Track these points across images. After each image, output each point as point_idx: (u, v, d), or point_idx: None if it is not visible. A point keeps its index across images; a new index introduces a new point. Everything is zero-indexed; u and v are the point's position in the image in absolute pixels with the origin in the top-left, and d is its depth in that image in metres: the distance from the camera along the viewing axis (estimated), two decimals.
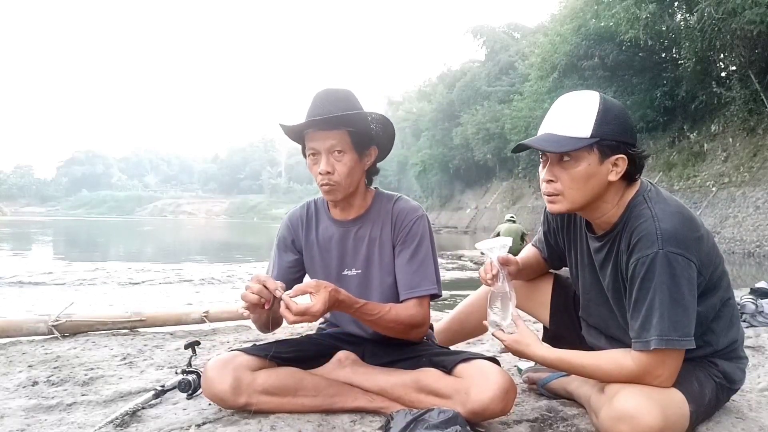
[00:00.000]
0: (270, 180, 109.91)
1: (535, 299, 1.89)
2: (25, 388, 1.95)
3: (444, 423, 1.37)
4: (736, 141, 16.32)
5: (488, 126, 34.06)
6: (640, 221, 1.39)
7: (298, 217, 1.80)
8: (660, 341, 1.31)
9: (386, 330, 1.63)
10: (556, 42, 21.89)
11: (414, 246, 1.67)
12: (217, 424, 1.56)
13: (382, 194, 1.77)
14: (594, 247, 1.56)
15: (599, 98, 1.39)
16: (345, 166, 1.60)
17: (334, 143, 1.58)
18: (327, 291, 1.44)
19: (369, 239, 1.71)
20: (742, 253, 12.69)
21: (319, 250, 1.75)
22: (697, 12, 15.73)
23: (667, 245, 1.32)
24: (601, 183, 1.41)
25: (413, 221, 1.69)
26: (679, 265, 1.32)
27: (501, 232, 9.84)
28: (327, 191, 1.63)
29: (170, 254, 13.96)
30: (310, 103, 1.61)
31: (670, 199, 1.45)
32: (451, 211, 42.30)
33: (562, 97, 1.46)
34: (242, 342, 2.75)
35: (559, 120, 1.40)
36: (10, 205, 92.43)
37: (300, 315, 1.39)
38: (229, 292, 5.99)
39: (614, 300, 1.54)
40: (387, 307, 1.61)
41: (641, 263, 1.35)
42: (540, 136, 1.42)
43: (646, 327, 1.34)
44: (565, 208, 1.46)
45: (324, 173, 1.58)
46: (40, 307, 4.51)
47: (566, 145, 1.36)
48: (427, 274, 1.67)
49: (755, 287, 3.34)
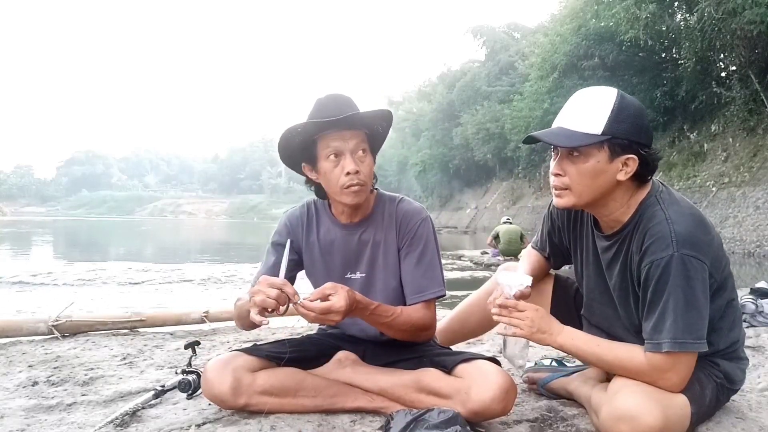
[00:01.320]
0: (270, 180, 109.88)
1: (536, 300, 1.87)
2: (25, 388, 1.95)
3: (444, 423, 1.37)
4: (736, 141, 16.31)
5: (488, 126, 34.05)
6: (653, 223, 1.38)
7: (297, 218, 1.77)
8: (673, 344, 1.31)
9: (398, 333, 1.63)
10: (556, 42, 21.88)
11: (420, 249, 1.67)
12: (217, 424, 1.56)
13: (384, 196, 1.75)
14: (602, 246, 1.56)
15: (617, 95, 1.37)
16: (368, 167, 1.58)
17: (358, 142, 1.56)
18: (345, 291, 1.42)
19: (373, 242, 1.70)
20: (742, 253, 12.68)
21: (320, 253, 1.73)
22: (697, 12, 15.71)
23: (682, 248, 1.32)
24: (609, 181, 1.40)
25: (418, 224, 1.68)
26: (693, 268, 1.32)
27: (500, 233, 9.84)
28: (356, 192, 1.57)
29: (170, 254, 13.95)
30: (315, 107, 1.57)
31: (682, 201, 1.45)
32: (451, 211, 42.29)
33: (580, 90, 1.44)
34: (242, 342, 2.75)
35: (572, 114, 1.39)
36: (10, 205, 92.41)
37: (325, 314, 1.38)
38: (229, 292, 5.99)
39: (620, 300, 1.53)
40: (399, 309, 1.61)
41: (656, 266, 1.34)
42: (552, 129, 1.41)
43: (659, 329, 1.33)
44: (572, 203, 1.45)
45: (354, 172, 1.54)
46: (40, 307, 4.51)
47: (576, 140, 1.35)
48: (434, 277, 1.66)
49: (755, 287, 3.34)
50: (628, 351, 1.43)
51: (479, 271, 8.84)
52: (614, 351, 1.45)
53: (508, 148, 31.34)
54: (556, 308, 1.88)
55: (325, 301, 1.39)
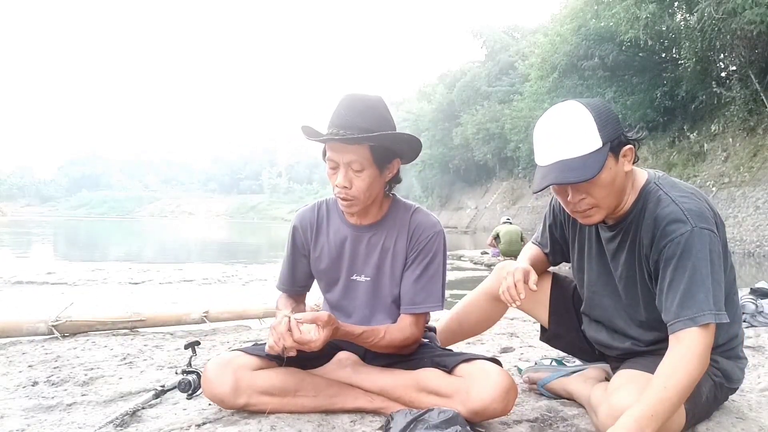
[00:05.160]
0: (270, 180, 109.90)
1: (534, 299, 1.89)
2: (25, 388, 1.95)
3: (444, 423, 1.37)
4: (736, 141, 16.31)
5: (488, 126, 34.08)
6: (662, 206, 1.40)
7: (308, 221, 1.77)
8: (711, 315, 1.29)
9: (380, 350, 1.65)
10: (556, 42, 21.86)
11: (426, 262, 1.67)
12: (217, 424, 1.56)
13: (399, 202, 1.74)
14: (606, 237, 1.57)
15: (584, 105, 1.39)
16: (363, 182, 1.56)
17: (353, 159, 1.53)
18: (331, 329, 1.47)
19: (382, 248, 1.70)
20: (742, 253, 12.68)
21: (329, 253, 1.74)
22: (697, 12, 15.71)
23: (698, 222, 1.35)
24: (622, 178, 1.44)
25: (430, 237, 1.68)
26: (711, 241, 1.34)
27: (501, 233, 9.84)
28: (344, 205, 1.62)
29: (170, 254, 13.95)
30: (336, 107, 1.56)
31: (681, 183, 1.48)
32: (451, 211, 42.29)
33: (546, 120, 1.42)
34: (242, 342, 2.75)
35: (563, 143, 1.37)
36: (10, 205, 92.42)
37: (299, 343, 1.43)
38: (229, 292, 5.99)
39: (625, 291, 1.54)
40: (381, 332, 1.61)
41: (676, 243, 1.35)
42: (555, 168, 1.37)
43: (687, 305, 1.31)
44: (603, 215, 1.47)
45: (341, 187, 1.55)
46: (40, 307, 4.50)
47: (593, 166, 1.34)
48: (432, 292, 1.66)
49: (755, 287, 3.34)
50: (669, 360, 1.30)
51: (479, 271, 8.84)
52: (662, 373, 1.29)
53: (508, 148, 31.35)
54: (554, 306, 1.89)
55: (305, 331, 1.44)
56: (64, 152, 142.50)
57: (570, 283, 1.89)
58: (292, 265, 1.80)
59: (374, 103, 1.58)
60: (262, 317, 3.50)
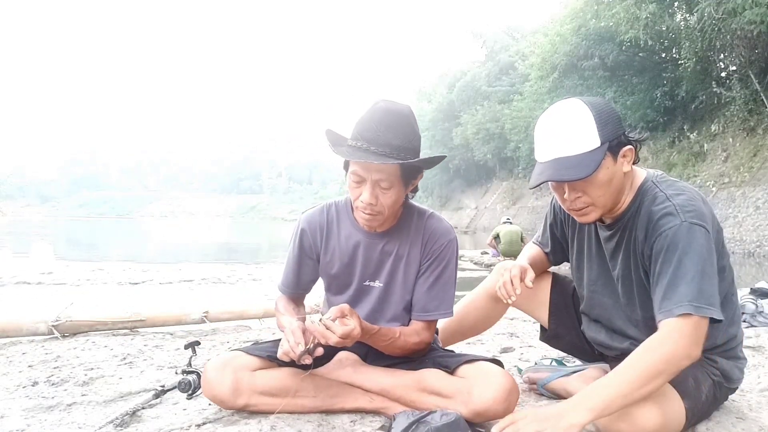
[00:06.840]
0: (270, 180, 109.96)
1: (534, 299, 1.90)
2: (25, 388, 1.94)
3: (446, 426, 1.36)
4: (736, 141, 16.31)
5: (488, 126, 34.08)
6: (656, 203, 1.41)
7: (317, 224, 1.73)
8: (688, 306, 1.27)
9: (392, 352, 1.65)
10: (556, 42, 21.87)
11: (440, 270, 1.67)
12: (217, 424, 1.56)
13: (413, 207, 1.72)
14: (604, 236, 1.57)
15: (585, 103, 1.39)
16: (390, 199, 1.53)
17: (382, 177, 1.50)
18: (356, 314, 1.46)
19: (396, 255, 1.68)
20: (742, 253, 12.67)
21: (340, 257, 1.71)
22: (697, 12, 15.71)
23: (688, 216, 1.35)
24: (620, 178, 1.44)
25: (444, 245, 1.68)
26: (702, 236, 1.34)
27: (501, 233, 9.83)
28: (367, 220, 1.58)
29: (170, 254, 13.95)
30: (365, 116, 1.52)
31: (678, 182, 1.49)
32: (451, 211, 42.28)
33: (546, 118, 1.43)
34: (242, 342, 2.75)
35: (562, 141, 1.38)
36: (10, 205, 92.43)
37: (344, 338, 1.41)
38: (229, 292, 5.99)
39: (623, 290, 1.54)
40: (397, 332, 1.61)
41: (664, 236, 1.36)
42: (552, 165, 1.39)
43: (668, 296, 1.30)
44: (599, 214, 1.48)
45: (366, 204, 1.52)
46: (40, 307, 4.50)
47: (589, 164, 1.35)
48: (444, 299, 1.67)
49: (755, 287, 3.35)
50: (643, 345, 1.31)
51: (479, 271, 8.84)
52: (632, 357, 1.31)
53: (508, 148, 31.36)
54: (554, 307, 1.89)
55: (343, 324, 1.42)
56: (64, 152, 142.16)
57: (570, 283, 1.89)
58: (297, 267, 1.77)
59: (405, 116, 1.54)
60: (262, 317, 3.50)
